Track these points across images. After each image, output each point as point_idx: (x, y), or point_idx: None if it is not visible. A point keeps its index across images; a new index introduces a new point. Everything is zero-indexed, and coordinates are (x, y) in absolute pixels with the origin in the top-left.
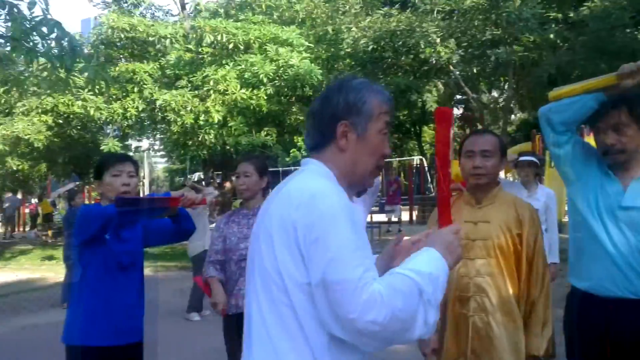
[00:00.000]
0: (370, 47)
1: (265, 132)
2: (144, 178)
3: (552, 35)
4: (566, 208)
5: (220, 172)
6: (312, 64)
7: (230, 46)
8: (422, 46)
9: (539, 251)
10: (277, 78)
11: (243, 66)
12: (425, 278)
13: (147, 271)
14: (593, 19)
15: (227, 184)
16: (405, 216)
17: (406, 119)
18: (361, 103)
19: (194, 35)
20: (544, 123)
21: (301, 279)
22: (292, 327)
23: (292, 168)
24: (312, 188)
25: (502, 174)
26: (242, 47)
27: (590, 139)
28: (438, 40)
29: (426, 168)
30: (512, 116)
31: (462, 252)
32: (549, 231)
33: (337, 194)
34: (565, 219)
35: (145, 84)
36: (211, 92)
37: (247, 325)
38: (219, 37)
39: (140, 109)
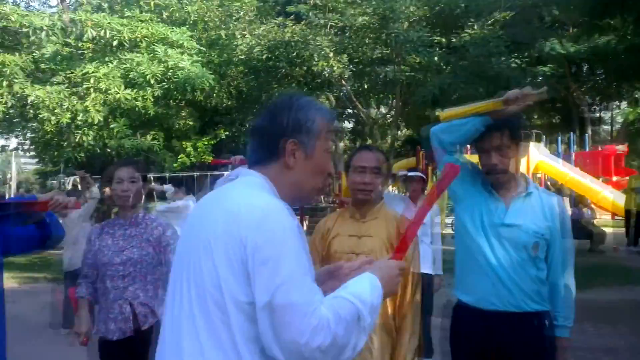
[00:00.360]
0: (265, 55)
1: (151, 136)
2: (10, 180)
3: (436, 58)
4: (446, 220)
5: (99, 177)
6: (204, 68)
7: (115, 43)
8: (316, 59)
9: (413, 265)
10: (166, 80)
11: (128, 65)
12: (366, 306)
13: (11, 283)
14: (473, 45)
15: (107, 190)
16: None
17: None
18: (310, 122)
19: (74, 29)
20: (436, 143)
21: (242, 297)
22: (226, 343)
23: (180, 174)
24: (263, 206)
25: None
26: (127, 45)
27: (471, 157)
28: (331, 54)
29: None
30: (399, 132)
31: (397, 289)
32: (434, 243)
33: (287, 213)
34: (445, 231)
35: (17, 78)
36: (91, 90)
37: (174, 336)
38: (102, 33)
39: (9, 104)
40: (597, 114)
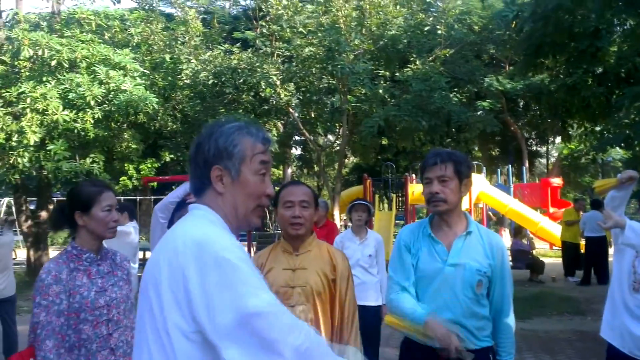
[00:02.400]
0: (211, 81)
1: (91, 159)
2: None
3: (380, 91)
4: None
5: (35, 199)
6: (148, 91)
7: (53, 63)
8: (263, 86)
9: (349, 295)
10: (107, 102)
11: (67, 86)
12: None
13: None
14: (415, 80)
15: (43, 213)
16: None
17: None
18: (232, 147)
19: (10, 47)
20: None
21: (187, 327)
22: None
23: (122, 198)
24: (196, 235)
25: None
26: (66, 65)
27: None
28: (278, 82)
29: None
30: (347, 160)
31: None
32: (380, 273)
33: (223, 236)
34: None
35: None
36: (27, 110)
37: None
38: (39, 52)
39: None
40: (534, 148)
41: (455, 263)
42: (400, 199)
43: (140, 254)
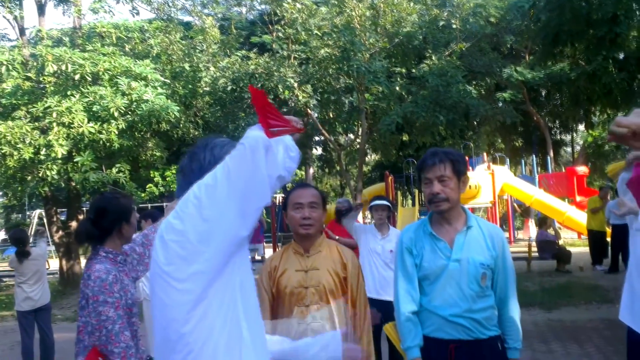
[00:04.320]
0: (230, 87)
1: (117, 169)
2: None
3: (397, 88)
4: None
5: (64, 210)
6: (169, 100)
7: (77, 77)
8: (281, 89)
9: (360, 292)
10: (130, 112)
11: (91, 98)
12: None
13: None
14: (432, 75)
15: (74, 224)
16: (268, 254)
17: None
18: (225, 155)
19: (35, 64)
20: None
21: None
22: None
23: (149, 205)
24: None
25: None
26: (89, 79)
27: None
28: (295, 84)
29: None
30: (367, 158)
31: None
32: None
33: None
34: None
35: None
36: (54, 124)
37: None
38: (63, 67)
39: None
40: (558, 137)
41: (459, 258)
42: (421, 193)
43: None
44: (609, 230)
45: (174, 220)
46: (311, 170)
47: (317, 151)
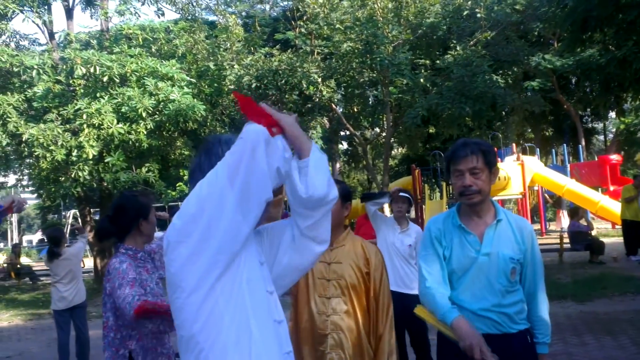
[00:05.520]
0: (254, 84)
1: (146, 168)
2: (11, 216)
3: (422, 80)
4: None
5: (98, 209)
6: (195, 99)
7: (105, 79)
8: (305, 85)
9: (384, 287)
10: (158, 112)
11: (120, 100)
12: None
13: (17, 320)
14: (457, 66)
15: None
16: None
17: None
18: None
19: (64, 67)
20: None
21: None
22: None
23: (179, 203)
24: None
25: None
26: (117, 80)
27: None
28: (319, 79)
29: None
30: (393, 151)
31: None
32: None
33: None
34: None
35: (10, 117)
36: (84, 126)
37: None
38: (92, 69)
39: (4, 143)
40: (590, 125)
41: (489, 252)
42: (450, 186)
43: None
44: None
45: (177, 221)
46: (337, 165)
47: (343, 146)
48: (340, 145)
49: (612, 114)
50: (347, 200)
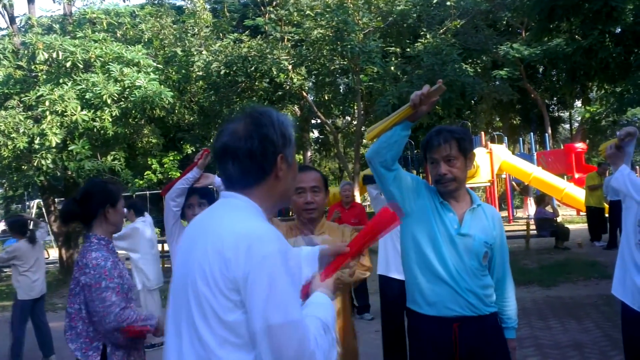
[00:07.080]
0: (223, 71)
1: (112, 156)
2: None
3: (392, 68)
4: None
5: (63, 199)
6: (162, 86)
7: (68, 64)
8: (275, 72)
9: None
10: (123, 99)
11: (83, 86)
12: (329, 323)
13: None
14: (427, 54)
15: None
16: None
17: None
18: (290, 135)
19: (26, 52)
20: (378, 165)
21: (228, 317)
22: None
23: (147, 193)
24: (250, 232)
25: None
26: (81, 66)
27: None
28: (290, 67)
29: None
30: (364, 140)
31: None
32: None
33: (276, 237)
34: None
35: None
36: (47, 113)
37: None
38: (54, 55)
39: None
40: (556, 114)
41: (466, 233)
42: (421, 174)
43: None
44: (607, 206)
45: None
46: (309, 154)
47: (314, 134)
48: (311, 134)
49: (578, 103)
50: (326, 188)
